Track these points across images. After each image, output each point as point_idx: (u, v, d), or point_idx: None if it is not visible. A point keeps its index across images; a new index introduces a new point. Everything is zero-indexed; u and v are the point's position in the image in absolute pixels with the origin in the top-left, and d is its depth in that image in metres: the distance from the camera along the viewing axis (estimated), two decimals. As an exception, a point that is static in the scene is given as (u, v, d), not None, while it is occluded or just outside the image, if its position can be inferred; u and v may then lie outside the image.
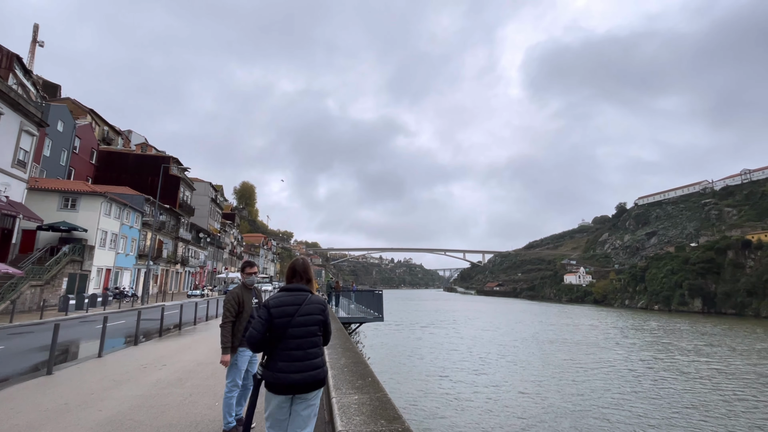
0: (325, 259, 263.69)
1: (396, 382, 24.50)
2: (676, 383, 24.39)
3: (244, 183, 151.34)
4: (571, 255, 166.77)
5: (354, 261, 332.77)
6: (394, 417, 2.55)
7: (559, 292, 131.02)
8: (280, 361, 2.66)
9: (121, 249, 34.39)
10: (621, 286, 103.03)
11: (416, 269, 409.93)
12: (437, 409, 19.30)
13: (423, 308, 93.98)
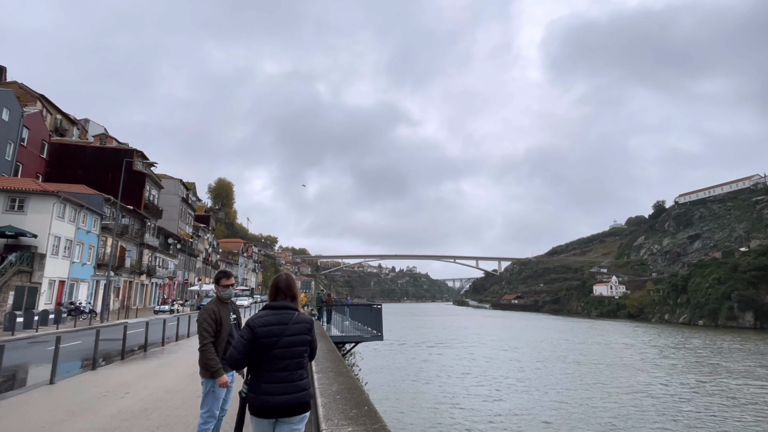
0: (315, 269, 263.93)
1: (398, 411, 24.47)
2: (725, 411, 24.38)
3: (221, 180, 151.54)
4: (601, 262, 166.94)
5: (349, 270, 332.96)
6: (393, 452, 2.55)
7: (587, 305, 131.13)
8: (265, 382, 2.85)
9: (76, 257, 34.36)
10: (659, 298, 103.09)
11: (421, 279, 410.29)
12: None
13: (430, 325, 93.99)
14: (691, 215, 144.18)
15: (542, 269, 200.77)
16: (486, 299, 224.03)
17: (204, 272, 76.54)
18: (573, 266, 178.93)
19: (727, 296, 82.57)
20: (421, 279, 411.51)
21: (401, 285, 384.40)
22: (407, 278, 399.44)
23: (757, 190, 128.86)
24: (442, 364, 40.74)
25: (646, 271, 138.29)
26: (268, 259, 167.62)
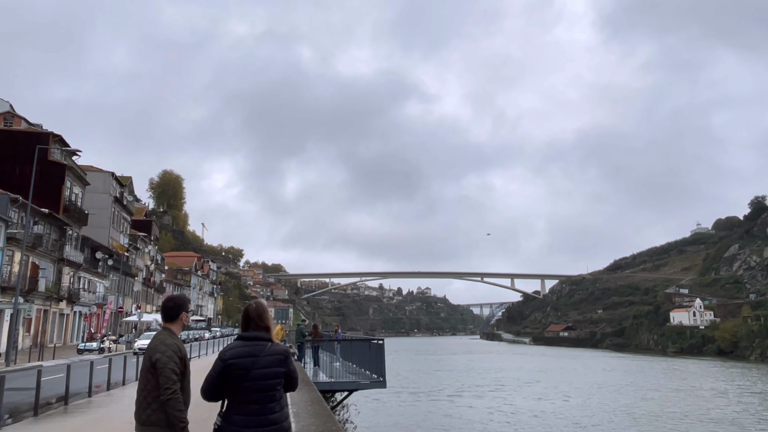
0: (294, 291, 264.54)
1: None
2: None
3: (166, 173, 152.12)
4: (680, 280, 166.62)
5: (340, 293, 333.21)
6: None
7: (662, 338, 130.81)
8: (236, 414, 3.53)
9: (-27, 279, 34.47)
10: (760, 328, 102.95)
11: (437, 305, 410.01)
12: None
13: (450, 367, 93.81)
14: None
15: (601, 290, 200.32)
16: (525, 331, 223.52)
17: (145, 297, 76.73)
18: (642, 286, 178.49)
19: None
20: (438, 305, 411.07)
21: (410, 313, 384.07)
22: (418, 303, 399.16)
23: None
24: (469, 419, 40.66)
25: (742, 291, 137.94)
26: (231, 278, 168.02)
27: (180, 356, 4.45)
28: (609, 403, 48.78)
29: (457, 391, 57.83)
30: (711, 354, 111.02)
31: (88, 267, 54.39)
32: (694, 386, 61.50)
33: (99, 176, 62.63)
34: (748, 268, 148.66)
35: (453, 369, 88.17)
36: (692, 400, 50.77)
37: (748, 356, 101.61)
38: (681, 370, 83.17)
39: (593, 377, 73.21)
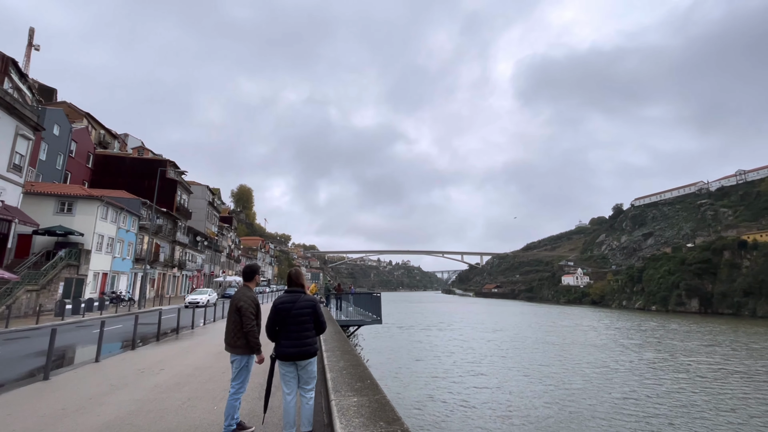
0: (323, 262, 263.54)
1: (398, 385, 24.45)
2: (677, 384, 24.46)
3: (242, 186, 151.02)
4: (568, 256, 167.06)
5: (352, 263, 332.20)
6: (393, 419, 2.57)
7: (557, 293, 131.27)
8: (284, 340, 3.89)
9: (117, 253, 34.23)
10: (618, 287, 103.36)
11: (414, 271, 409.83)
12: (440, 413, 19.26)
13: (422, 310, 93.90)
14: (645, 216, 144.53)
15: (518, 263, 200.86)
16: (470, 288, 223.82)
17: (228, 265, 76.26)
18: (544, 260, 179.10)
19: (675, 285, 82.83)
20: (414, 271, 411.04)
21: (397, 276, 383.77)
22: (402, 270, 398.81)
23: (701, 195, 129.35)
24: (434, 344, 40.71)
25: (607, 264, 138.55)
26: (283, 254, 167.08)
27: (255, 303, 4.54)
28: (525, 333, 48.94)
29: (427, 326, 57.87)
30: (587, 303, 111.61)
31: (191, 246, 54.02)
32: (577, 323, 61.78)
33: (198, 188, 62.18)
34: (610, 249, 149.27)
35: (424, 312, 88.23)
36: (575, 331, 50.93)
37: (610, 305, 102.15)
38: (568, 313, 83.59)
39: (513, 318, 73.43)
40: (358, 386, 3.44)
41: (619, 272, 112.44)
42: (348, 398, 3.11)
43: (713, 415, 18.68)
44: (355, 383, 3.55)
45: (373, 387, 3.39)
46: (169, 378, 7.41)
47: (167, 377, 7.48)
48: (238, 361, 4.36)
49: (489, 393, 22.65)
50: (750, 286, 70.44)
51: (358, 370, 4.10)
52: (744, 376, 25.94)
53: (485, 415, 18.87)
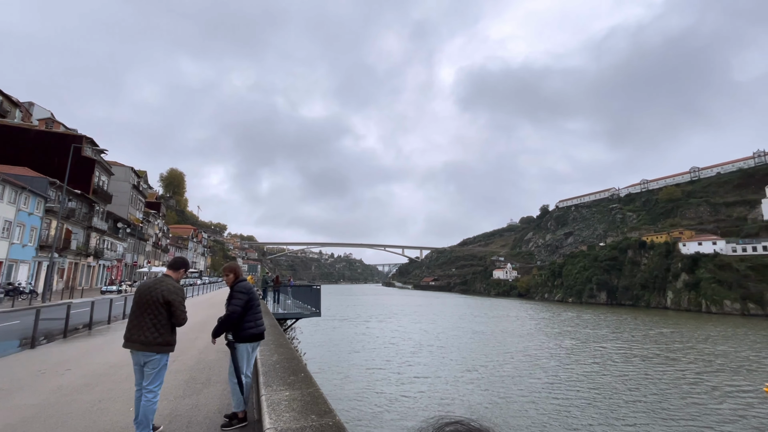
0: (262, 254, 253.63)
1: (337, 377, 24.38)
2: (591, 367, 27.33)
3: (172, 170, 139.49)
4: (500, 252, 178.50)
5: (292, 256, 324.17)
6: (325, 411, 2.51)
7: (488, 286, 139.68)
8: (251, 322, 4.17)
9: (16, 239, 29.87)
10: (542, 281, 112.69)
11: (356, 264, 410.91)
12: (378, 403, 19.56)
13: (362, 303, 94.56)
14: (567, 217, 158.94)
15: (454, 257, 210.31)
16: (409, 281, 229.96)
17: (153, 255, 70.27)
18: (478, 255, 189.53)
19: (589, 280, 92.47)
20: (356, 264, 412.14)
21: (339, 269, 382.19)
22: (344, 263, 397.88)
23: (613, 200, 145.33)
24: (374, 335, 41.23)
25: (533, 259, 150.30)
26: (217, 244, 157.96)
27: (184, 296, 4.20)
28: (459, 323, 51.52)
29: (367, 318, 58.45)
30: (514, 295, 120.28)
31: (110, 233, 48.83)
32: (505, 314, 66.36)
33: (122, 169, 56.30)
34: (537, 246, 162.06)
35: (364, 304, 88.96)
36: (504, 320, 54.76)
37: (534, 297, 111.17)
38: (497, 305, 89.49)
39: (448, 309, 76.87)
40: (291, 380, 3.33)
41: (543, 267, 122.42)
42: (280, 392, 2.99)
43: (622, 392, 21.22)
44: (288, 377, 3.43)
45: (307, 380, 3.30)
46: (76, 379, 6.61)
47: (74, 378, 6.66)
48: (156, 360, 3.89)
49: (426, 382, 23.51)
50: (646, 281, 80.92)
51: (292, 363, 3.98)
52: (644, 359, 29.79)
53: (422, 405, 19.56)
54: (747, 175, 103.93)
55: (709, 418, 17.44)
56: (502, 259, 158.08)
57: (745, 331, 44.22)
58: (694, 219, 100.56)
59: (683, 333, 42.85)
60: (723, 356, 30.31)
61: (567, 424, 16.75)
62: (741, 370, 25.88)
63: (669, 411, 18.34)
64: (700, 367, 26.96)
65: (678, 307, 71.26)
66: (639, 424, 16.85)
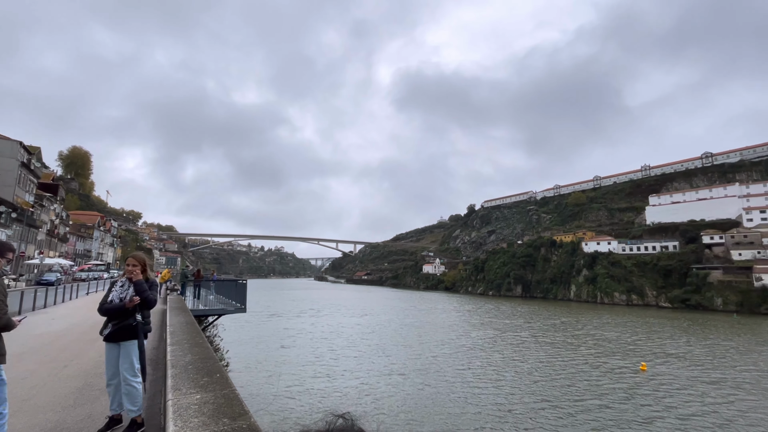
0: (183, 245, 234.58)
1: (262, 375, 23.42)
2: (507, 353, 29.68)
3: (75, 149, 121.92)
4: (429, 248, 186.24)
5: (218, 248, 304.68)
6: (239, 414, 2.34)
7: (418, 280, 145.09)
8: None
9: None
10: (466, 276, 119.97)
11: (288, 258, 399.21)
12: (307, 400, 19.19)
13: (293, 297, 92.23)
14: (490, 216, 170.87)
15: (387, 252, 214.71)
16: (342, 275, 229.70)
17: (48, 245, 61.14)
18: (410, 250, 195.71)
19: (507, 275, 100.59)
20: (288, 258, 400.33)
21: (269, 263, 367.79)
22: (275, 257, 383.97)
23: (530, 202, 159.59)
24: (304, 330, 40.42)
25: (459, 255, 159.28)
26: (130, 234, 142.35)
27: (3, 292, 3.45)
28: (387, 314, 52.71)
29: (298, 313, 57.13)
30: (441, 289, 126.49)
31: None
32: (433, 307, 69.44)
33: (7, 143, 47.88)
34: (463, 243, 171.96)
35: (295, 299, 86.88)
36: (432, 313, 57.29)
37: (459, 290, 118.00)
38: (425, 297, 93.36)
39: (379, 302, 78.26)
40: (204, 381, 3.07)
41: (467, 263, 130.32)
42: (190, 396, 2.74)
43: (534, 376, 23.37)
44: (201, 378, 3.16)
45: (223, 381, 3.07)
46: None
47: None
48: None
49: (357, 376, 23.66)
50: (555, 275, 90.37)
51: (207, 363, 3.68)
52: (552, 346, 33.17)
53: (352, 400, 19.63)
54: (636, 185, 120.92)
55: (601, 393, 20.04)
56: (432, 255, 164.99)
57: (630, 318, 51.56)
58: (595, 221, 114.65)
59: (582, 322, 48.61)
60: (613, 341, 35.00)
61: (487, 410, 18.04)
62: (625, 352, 30.13)
63: (572, 390, 20.70)
64: (595, 350, 30.84)
65: (579, 298, 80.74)
66: (547, 402, 18.76)
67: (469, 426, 15.93)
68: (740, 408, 18.07)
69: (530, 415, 17.18)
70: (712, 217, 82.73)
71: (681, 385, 21.48)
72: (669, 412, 17.54)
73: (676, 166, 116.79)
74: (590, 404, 18.56)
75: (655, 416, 17.03)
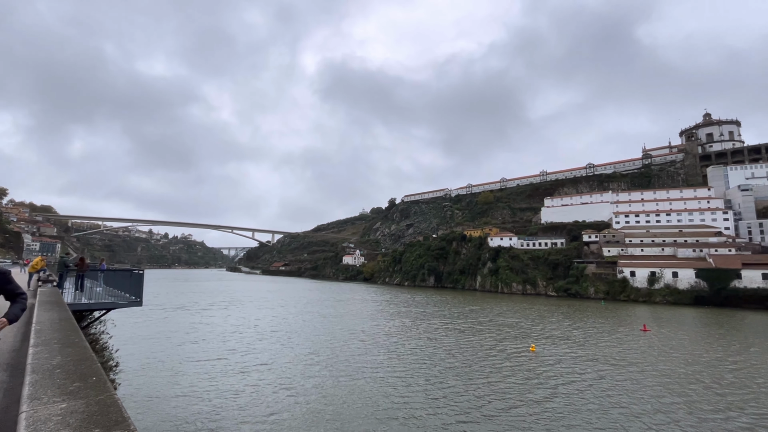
0: (65, 230, 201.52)
1: (163, 373, 21.22)
2: (421, 341, 31.14)
3: None
4: (350, 239, 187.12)
5: (111, 234, 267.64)
6: (116, 422, 2.02)
7: (337, 271, 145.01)
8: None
9: None
10: (385, 267, 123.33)
11: (196, 247, 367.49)
12: (215, 399, 17.88)
13: (202, 289, 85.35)
14: (410, 210, 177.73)
15: (307, 242, 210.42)
16: (258, 266, 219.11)
17: None
18: (331, 241, 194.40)
19: (422, 266, 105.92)
20: (196, 247, 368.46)
21: (174, 251, 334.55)
22: (181, 245, 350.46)
23: (446, 198, 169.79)
24: (215, 324, 37.67)
25: (379, 247, 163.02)
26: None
27: None
28: (306, 305, 51.74)
29: (207, 306, 53.01)
30: (361, 280, 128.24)
31: None
32: (351, 297, 70.01)
33: None
34: (383, 235, 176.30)
35: (204, 291, 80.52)
36: (351, 302, 57.73)
37: (377, 281, 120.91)
38: (345, 288, 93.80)
39: (297, 294, 76.45)
40: (75, 387, 2.60)
41: (386, 254, 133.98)
42: (53, 405, 2.29)
43: (447, 361, 24.87)
44: (70, 384, 2.67)
45: (99, 385, 2.63)
46: None
47: None
48: None
49: (271, 370, 22.74)
50: (464, 267, 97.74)
51: (81, 366, 3.14)
52: (460, 331, 35.73)
53: (266, 398, 18.82)
54: (535, 188, 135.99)
55: (499, 373, 22.23)
56: (352, 246, 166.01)
57: (524, 306, 58.06)
58: (499, 219, 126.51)
59: (486, 310, 53.36)
60: (510, 326, 39.06)
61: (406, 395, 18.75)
62: (521, 336, 33.86)
63: (474, 371, 22.58)
64: (496, 335, 34.09)
65: (484, 288, 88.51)
66: (452, 386, 20.20)
67: (390, 407, 16.45)
68: (610, 378, 21.58)
69: (442, 394, 18.37)
70: (591, 218, 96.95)
71: (562, 361, 24.88)
72: (550, 381, 20.21)
73: (567, 173, 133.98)
74: (492, 381, 20.50)
75: (538, 387, 19.49)
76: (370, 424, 15.19)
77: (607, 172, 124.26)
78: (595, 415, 16.18)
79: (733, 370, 23.22)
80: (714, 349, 28.90)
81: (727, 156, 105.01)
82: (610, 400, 17.95)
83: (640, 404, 17.53)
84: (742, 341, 32.30)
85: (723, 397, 18.55)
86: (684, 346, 30.22)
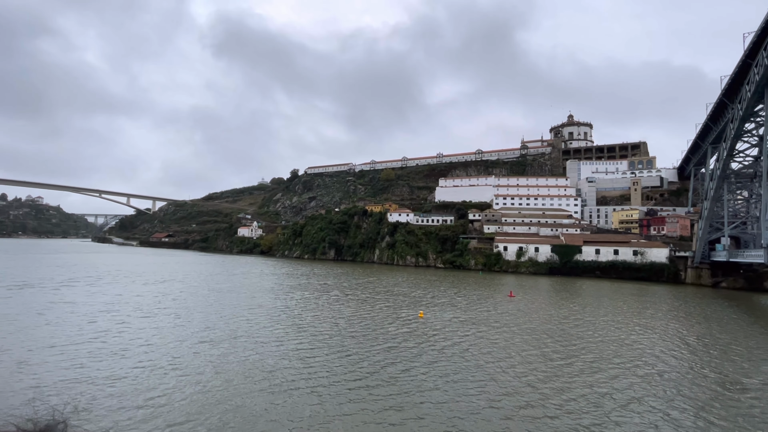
0: None
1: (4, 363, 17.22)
2: (320, 315, 31.15)
3: None
4: (248, 210, 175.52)
5: None
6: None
7: (231, 243, 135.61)
8: None
9: None
10: (284, 239, 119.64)
11: (49, 212, 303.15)
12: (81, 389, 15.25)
13: (59, 263, 71.33)
14: (312, 183, 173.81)
15: (197, 212, 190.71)
16: (134, 237, 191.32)
17: None
18: (225, 211, 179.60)
19: (323, 239, 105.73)
20: (50, 212, 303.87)
21: (17, 217, 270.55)
22: (27, 209, 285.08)
23: (350, 173, 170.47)
24: (77, 303, 31.88)
25: (279, 219, 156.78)
26: None
27: None
28: (197, 279, 47.27)
29: (65, 282, 44.46)
30: (257, 253, 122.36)
31: None
32: (248, 270, 66.38)
33: None
34: (284, 207, 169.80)
35: (63, 265, 67.37)
36: (248, 276, 54.68)
37: (276, 254, 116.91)
38: (240, 261, 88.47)
39: (180, 267, 69.44)
40: None
41: (286, 227, 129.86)
42: None
43: (348, 330, 25.35)
44: None
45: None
46: None
47: None
48: None
49: (148, 354, 20.30)
50: (364, 241, 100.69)
51: None
52: (360, 301, 36.84)
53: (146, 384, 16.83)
54: (431, 168, 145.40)
55: (390, 337, 23.76)
56: (249, 217, 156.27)
57: (416, 277, 62.73)
58: (399, 196, 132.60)
59: (382, 281, 56.12)
60: (404, 296, 41.86)
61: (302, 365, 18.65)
62: (412, 305, 36.58)
63: (372, 339, 23.69)
64: (391, 304, 36.19)
65: (381, 261, 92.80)
66: (354, 353, 20.90)
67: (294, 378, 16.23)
68: (486, 338, 24.83)
69: (344, 362, 18.87)
70: (477, 199, 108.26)
71: (446, 326, 27.77)
72: (439, 344, 22.47)
73: (459, 157, 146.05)
74: (383, 347, 21.82)
75: (431, 349, 21.52)
76: (272, 397, 14.90)
77: (492, 158, 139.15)
78: (475, 371, 18.58)
79: (574, 326, 28.96)
80: (562, 310, 35.57)
81: (581, 153, 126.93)
82: (487, 357, 20.80)
83: (509, 358, 20.71)
84: (580, 303, 40.41)
85: (566, 347, 23.07)
86: (542, 308, 36.53)
